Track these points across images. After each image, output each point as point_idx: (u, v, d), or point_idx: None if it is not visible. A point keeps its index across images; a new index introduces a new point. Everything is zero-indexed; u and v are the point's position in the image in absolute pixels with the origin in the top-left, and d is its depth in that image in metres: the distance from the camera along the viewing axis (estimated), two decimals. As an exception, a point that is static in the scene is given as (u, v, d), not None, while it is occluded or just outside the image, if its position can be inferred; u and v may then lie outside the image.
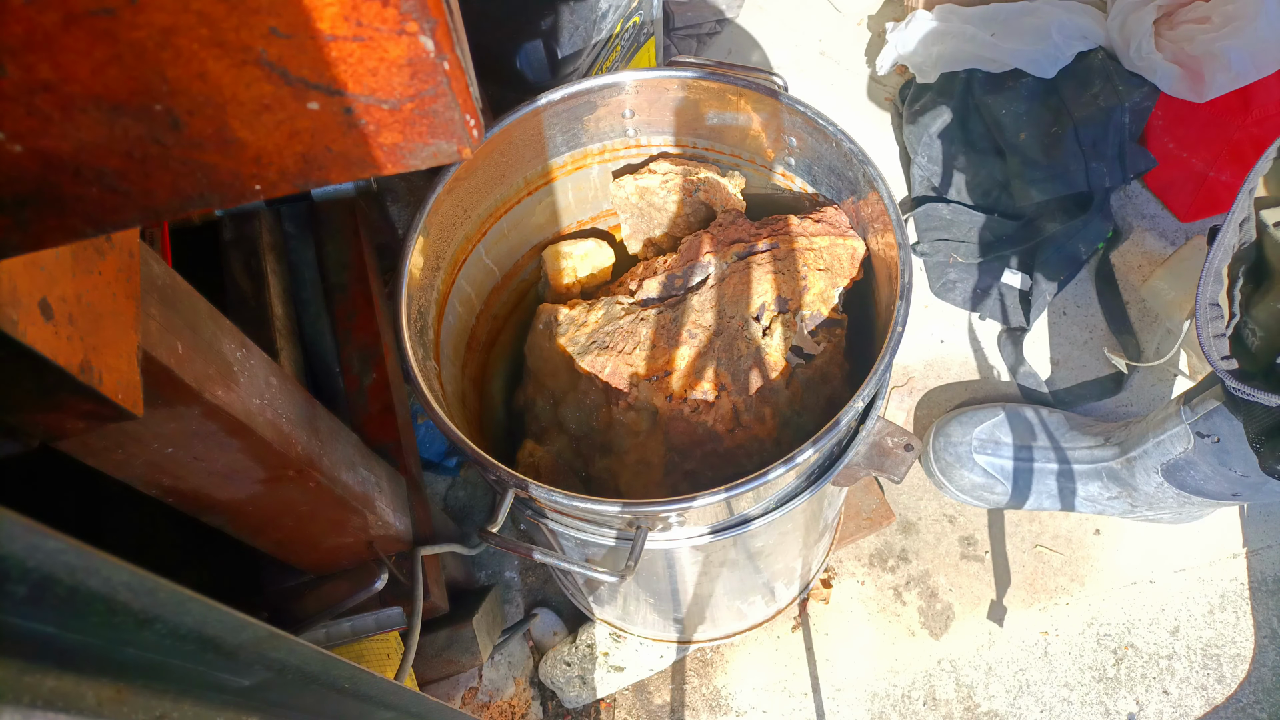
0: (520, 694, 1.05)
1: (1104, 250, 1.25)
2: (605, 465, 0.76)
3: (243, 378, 0.51)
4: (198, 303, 0.48)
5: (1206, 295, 0.75)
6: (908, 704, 1.04)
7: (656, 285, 0.79)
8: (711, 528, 0.67)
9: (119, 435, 0.44)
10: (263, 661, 0.29)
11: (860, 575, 1.11)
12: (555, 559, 0.64)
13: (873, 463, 0.67)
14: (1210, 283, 0.75)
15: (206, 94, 0.24)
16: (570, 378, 0.80)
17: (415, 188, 1.27)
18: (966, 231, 1.24)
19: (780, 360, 0.73)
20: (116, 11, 0.22)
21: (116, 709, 0.24)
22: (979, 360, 1.22)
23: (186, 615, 0.25)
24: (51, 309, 0.32)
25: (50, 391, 0.33)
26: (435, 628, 0.93)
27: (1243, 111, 1.14)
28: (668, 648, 1.05)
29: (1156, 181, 1.30)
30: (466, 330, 0.83)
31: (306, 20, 0.23)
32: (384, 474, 0.75)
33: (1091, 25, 1.19)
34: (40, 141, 0.24)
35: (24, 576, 0.20)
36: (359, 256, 0.89)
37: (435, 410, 0.63)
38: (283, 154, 0.26)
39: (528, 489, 0.60)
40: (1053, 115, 1.21)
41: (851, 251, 0.75)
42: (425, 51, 0.24)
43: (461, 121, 0.26)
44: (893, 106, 1.40)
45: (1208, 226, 1.28)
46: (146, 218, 0.27)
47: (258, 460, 0.54)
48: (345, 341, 0.85)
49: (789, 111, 0.73)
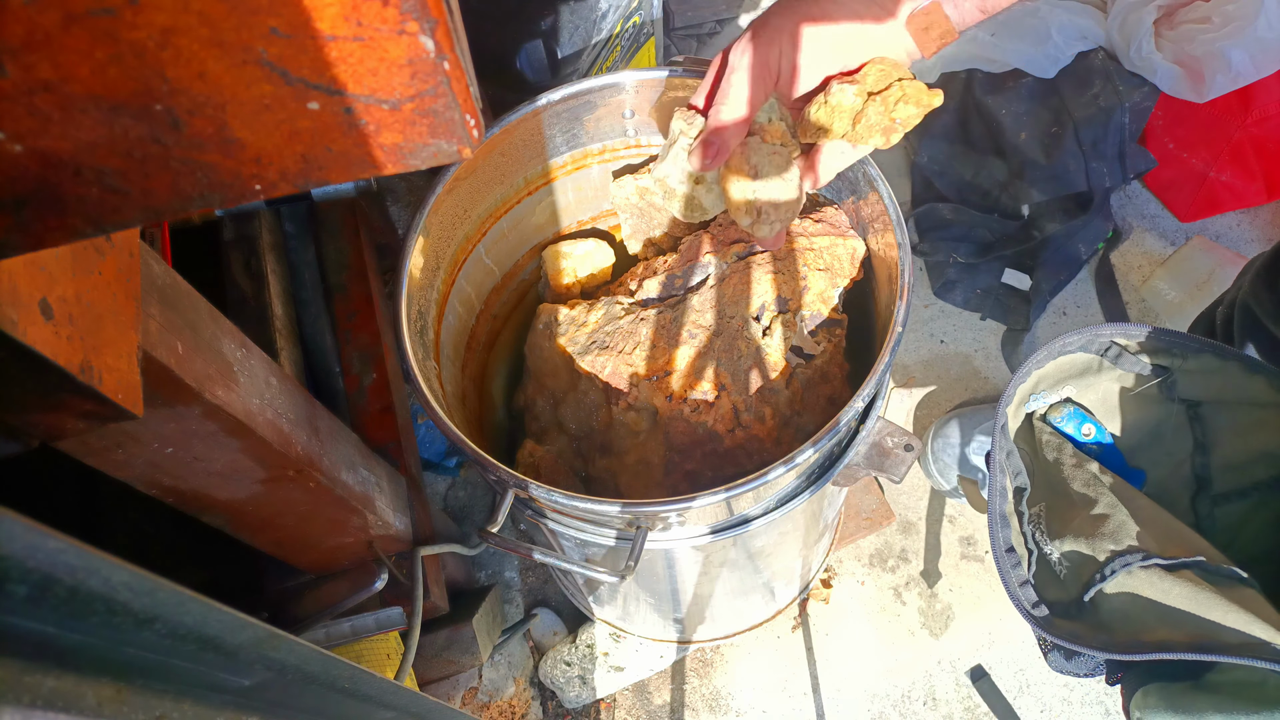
0: (520, 694, 1.05)
1: (1104, 250, 1.25)
2: (605, 465, 0.76)
3: (243, 378, 0.51)
4: (198, 303, 0.48)
5: (999, 543, 0.72)
6: (908, 704, 1.04)
7: (656, 285, 0.78)
8: (711, 528, 0.67)
9: (119, 435, 0.44)
10: (263, 661, 0.29)
11: (860, 575, 1.11)
12: (555, 559, 0.64)
13: (873, 463, 0.67)
14: (999, 529, 0.72)
15: (206, 94, 0.24)
16: (570, 378, 0.80)
17: (415, 188, 1.27)
18: (966, 231, 1.24)
19: (780, 360, 0.73)
20: (116, 11, 0.22)
21: (116, 709, 0.24)
22: (979, 360, 1.22)
23: (186, 615, 0.25)
24: (51, 309, 0.32)
25: (50, 391, 0.33)
26: (435, 628, 0.93)
27: (1243, 111, 1.14)
28: (668, 648, 1.05)
29: (1156, 181, 1.30)
30: (466, 330, 0.83)
31: (306, 20, 0.23)
32: (384, 474, 0.75)
33: (1091, 25, 1.19)
34: (40, 141, 0.24)
35: (24, 576, 0.20)
36: (359, 256, 0.89)
37: (435, 410, 0.63)
38: (283, 154, 0.26)
39: (528, 489, 0.60)
40: (1053, 115, 1.21)
41: (851, 251, 0.75)
42: (425, 51, 0.24)
43: (461, 121, 0.26)
44: (893, 106, 1.40)
45: (1201, 231, 1.28)
46: (146, 218, 0.27)
47: (258, 460, 0.54)
48: (345, 341, 0.85)
49: (789, 111, 0.73)
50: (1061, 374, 0.79)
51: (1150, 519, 0.69)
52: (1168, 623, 0.63)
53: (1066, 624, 0.68)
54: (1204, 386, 0.76)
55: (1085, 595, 0.67)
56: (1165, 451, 0.78)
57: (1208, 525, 0.76)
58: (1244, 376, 0.74)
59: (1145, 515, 0.69)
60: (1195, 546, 0.67)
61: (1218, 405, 0.76)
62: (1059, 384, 0.80)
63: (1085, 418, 0.79)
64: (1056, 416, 0.80)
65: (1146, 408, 0.79)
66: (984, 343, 1.23)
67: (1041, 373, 0.78)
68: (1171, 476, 0.78)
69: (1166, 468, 0.78)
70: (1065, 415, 0.79)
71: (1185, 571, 0.65)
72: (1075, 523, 0.70)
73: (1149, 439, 0.79)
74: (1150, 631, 0.63)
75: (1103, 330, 0.76)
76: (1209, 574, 0.65)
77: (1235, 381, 0.74)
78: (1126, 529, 0.68)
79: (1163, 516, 0.70)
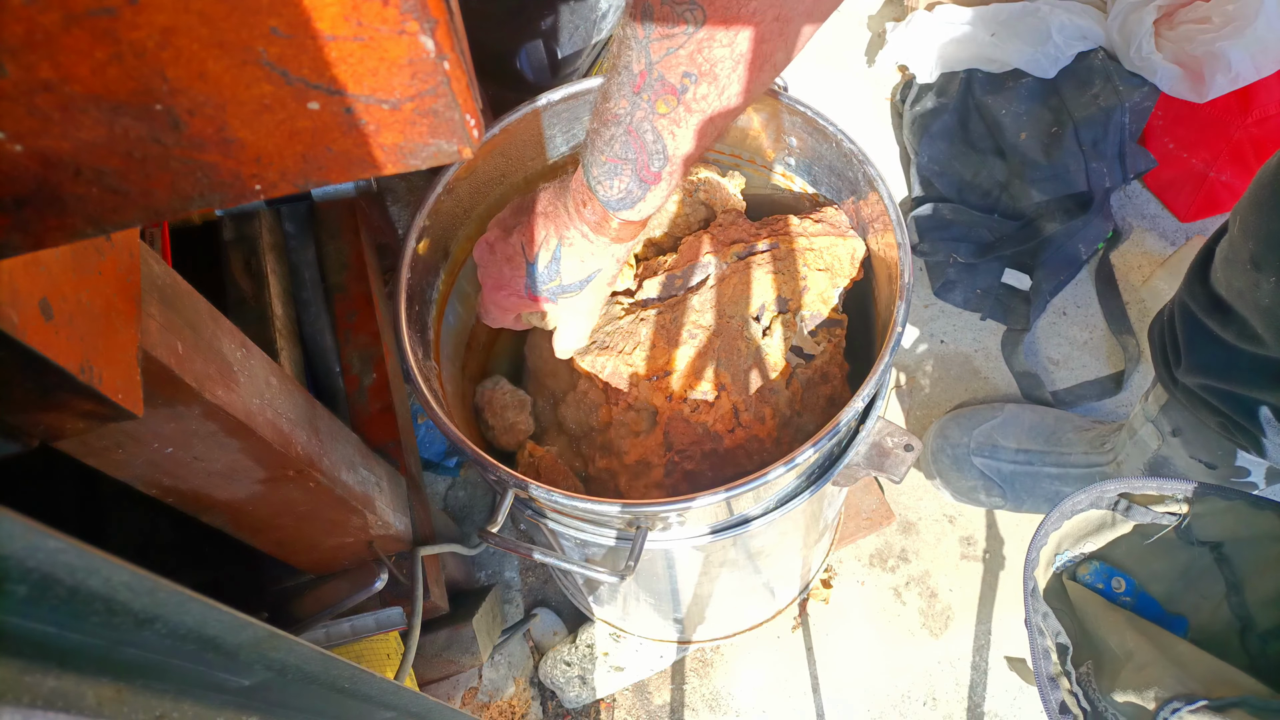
0: (520, 694, 1.05)
1: (1104, 250, 1.25)
2: (605, 465, 0.76)
3: (243, 378, 0.51)
4: (198, 303, 0.48)
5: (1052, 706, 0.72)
6: (908, 704, 1.04)
7: (656, 285, 0.78)
8: (711, 528, 0.67)
9: (119, 435, 0.44)
10: (263, 661, 0.29)
11: (860, 575, 1.11)
12: (555, 559, 0.64)
13: (873, 463, 0.67)
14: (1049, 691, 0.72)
15: (206, 94, 0.24)
16: (570, 378, 0.80)
17: (415, 188, 1.27)
18: (966, 231, 1.24)
19: (780, 360, 0.73)
20: (116, 11, 0.22)
21: (116, 709, 0.24)
22: (979, 360, 1.22)
23: (186, 615, 0.25)
24: (51, 309, 0.32)
25: (50, 391, 0.33)
26: (435, 628, 0.93)
27: (1243, 111, 1.14)
28: (667, 648, 1.05)
29: (1156, 181, 1.30)
30: (466, 330, 0.83)
31: (307, 20, 0.23)
32: (384, 474, 0.75)
33: (1091, 25, 1.19)
34: (40, 141, 0.24)
35: (24, 576, 0.20)
36: (359, 256, 0.89)
37: (435, 410, 0.63)
38: (283, 154, 0.26)
39: (528, 489, 0.60)
40: (1053, 115, 1.21)
41: (851, 251, 0.75)
42: (425, 51, 0.24)
43: (461, 121, 0.26)
44: (893, 106, 1.40)
45: (1201, 231, 1.28)
46: (146, 218, 0.27)
47: (258, 460, 0.54)
48: (345, 341, 0.85)
49: (789, 111, 0.73)
50: (1079, 532, 0.80)
51: (1193, 662, 0.70)
52: None
53: None
54: (1219, 527, 0.76)
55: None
56: (1201, 595, 0.78)
57: (1263, 664, 0.75)
58: (1252, 513, 0.74)
59: (1187, 659, 0.70)
60: (1242, 685, 0.68)
61: (1238, 544, 0.76)
62: (1080, 541, 0.80)
63: (1114, 571, 0.80)
64: (1084, 574, 0.80)
65: (1172, 554, 0.79)
66: (984, 343, 1.23)
67: (1060, 534, 0.78)
68: (1213, 619, 0.78)
69: (1206, 611, 0.78)
70: (1092, 571, 0.80)
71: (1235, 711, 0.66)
72: (1122, 676, 0.71)
73: (1181, 584, 0.79)
74: None
75: (1107, 486, 0.77)
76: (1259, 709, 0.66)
77: (1246, 519, 0.75)
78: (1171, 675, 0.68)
79: (1205, 659, 0.71)
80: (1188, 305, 0.82)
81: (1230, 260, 0.74)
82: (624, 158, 0.56)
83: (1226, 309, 0.76)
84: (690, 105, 0.52)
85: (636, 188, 0.57)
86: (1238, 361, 0.76)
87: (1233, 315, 0.75)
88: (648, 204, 0.59)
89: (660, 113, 0.53)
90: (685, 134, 0.54)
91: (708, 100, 0.52)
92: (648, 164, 0.56)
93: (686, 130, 0.54)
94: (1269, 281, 0.68)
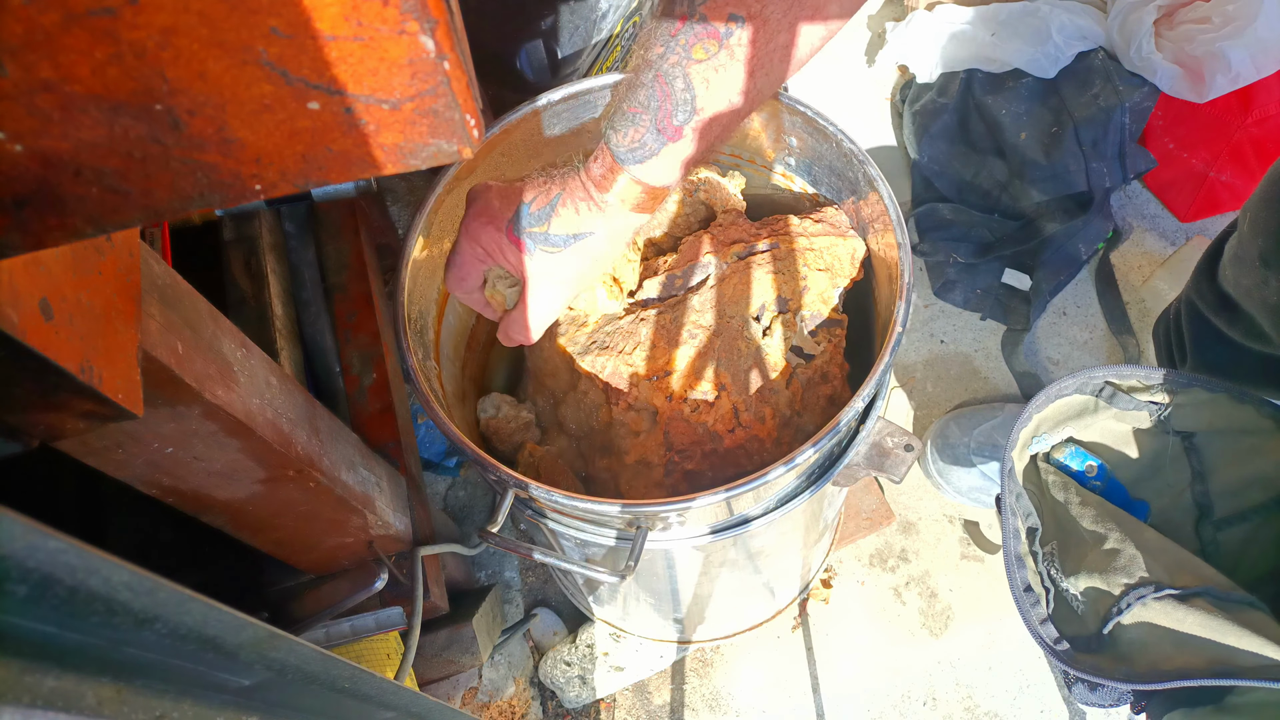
0: (520, 694, 1.05)
1: (1104, 250, 1.25)
2: (605, 465, 0.76)
3: (243, 378, 0.51)
4: (198, 303, 0.48)
5: (1017, 583, 0.74)
6: (908, 704, 1.04)
7: (656, 285, 0.78)
8: (711, 528, 0.67)
9: (119, 435, 0.44)
10: (263, 661, 0.29)
11: (860, 575, 1.11)
12: (555, 559, 0.64)
13: (873, 463, 0.67)
14: (1015, 569, 0.75)
15: (206, 94, 0.24)
16: (570, 378, 0.80)
17: (415, 188, 1.27)
18: (966, 231, 1.24)
19: (780, 360, 0.73)
20: (116, 11, 0.22)
21: (116, 709, 0.24)
22: (979, 360, 1.22)
23: (186, 615, 0.25)
24: (51, 309, 0.32)
25: (50, 391, 0.33)
26: (435, 628, 0.93)
27: (1243, 111, 1.14)
28: (667, 648, 1.05)
29: (1156, 181, 1.30)
30: (466, 330, 0.83)
31: (307, 20, 0.23)
32: (384, 474, 0.75)
33: (1091, 25, 1.19)
34: (40, 141, 0.24)
35: (24, 576, 0.20)
36: (359, 256, 0.89)
37: (435, 410, 0.63)
38: (283, 154, 0.26)
39: (528, 489, 0.60)
40: (1053, 115, 1.21)
41: (851, 251, 0.75)
42: (425, 51, 0.24)
43: (461, 121, 0.26)
44: (893, 106, 1.40)
45: (1201, 231, 1.28)
46: (146, 218, 0.27)
47: (257, 460, 0.54)
48: (345, 341, 0.85)
49: (789, 111, 0.73)
50: (1060, 416, 0.81)
51: (1158, 550, 0.71)
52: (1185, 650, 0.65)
53: (1088, 658, 0.70)
54: (1196, 418, 0.79)
55: (1104, 629, 0.69)
56: (1165, 482, 0.81)
57: (1212, 550, 0.78)
58: (1233, 406, 0.77)
59: (1153, 547, 0.71)
60: (1204, 575, 0.69)
61: (1211, 435, 0.79)
62: (1059, 425, 0.82)
63: (1086, 455, 0.82)
64: (1059, 456, 0.82)
65: (1144, 442, 0.81)
66: (984, 343, 1.23)
67: (1041, 416, 0.80)
68: (1173, 506, 0.80)
69: (1168, 498, 0.81)
70: (1068, 454, 0.82)
71: (1197, 599, 0.67)
72: (1088, 559, 0.72)
73: (1149, 471, 0.82)
74: (1169, 660, 0.65)
75: (1096, 372, 0.79)
76: (1219, 600, 0.67)
77: (1225, 411, 0.77)
78: (1137, 562, 0.70)
79: (1170, 547, 0.72)
80: (1195, 304, 0.83)
81: (1239, 258, 0.74)
82: (646, 106, 0.51)
83: (1234, 307, 0.76)
84: (734, 50, 0.48)
85: (653, 139, 0.52)
86: (1244, 360, 0.77)
87: (1240, 313, 0.75)
88: (659, 164, 0.54)
89: (696, 58, 0.48)
90: (720, 84, 0.49)
91: (754, 47, 0.48)
92: (671, 114, 0.51)
93: (722, 79, 0.49)
94: (1278, 279, 0.68)
